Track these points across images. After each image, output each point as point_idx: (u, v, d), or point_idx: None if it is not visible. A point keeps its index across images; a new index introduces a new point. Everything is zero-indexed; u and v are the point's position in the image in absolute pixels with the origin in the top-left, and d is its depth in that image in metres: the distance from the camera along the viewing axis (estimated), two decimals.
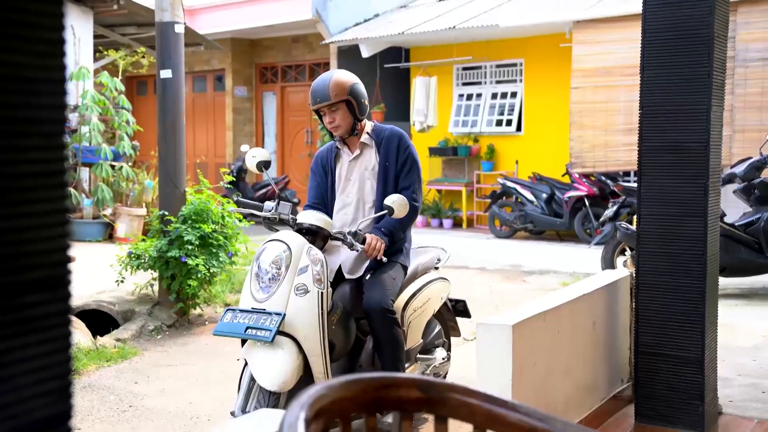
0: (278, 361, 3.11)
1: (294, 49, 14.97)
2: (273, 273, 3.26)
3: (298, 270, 3.25)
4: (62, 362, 0.81)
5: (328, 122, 3.65)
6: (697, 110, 3.44)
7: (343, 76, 3.66)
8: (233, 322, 3.21)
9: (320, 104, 3.60)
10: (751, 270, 7.02)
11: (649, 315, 3.59)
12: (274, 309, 3.17)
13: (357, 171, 3.73)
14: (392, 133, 3.72)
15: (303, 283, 3.23)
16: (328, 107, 3.61)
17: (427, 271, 3.96)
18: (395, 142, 3.69)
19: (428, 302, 3.85)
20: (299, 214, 3.53)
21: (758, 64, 8.72)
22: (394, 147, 3.68)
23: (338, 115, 3.63)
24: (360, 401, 1.20)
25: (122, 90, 10.00)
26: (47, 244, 0.80)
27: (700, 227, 3.48)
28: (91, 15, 10.30)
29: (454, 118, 12.71)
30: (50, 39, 0.79)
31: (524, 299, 6.10)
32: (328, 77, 3.64)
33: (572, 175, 10.28)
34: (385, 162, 3.68)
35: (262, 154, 3.68)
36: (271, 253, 3.31)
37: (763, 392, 4.23)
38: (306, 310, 3.21)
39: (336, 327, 3.37)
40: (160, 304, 6.32)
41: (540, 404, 3.20)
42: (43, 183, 0.79)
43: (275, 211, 3.55)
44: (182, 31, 6.45)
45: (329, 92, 3.56)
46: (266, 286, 3.26)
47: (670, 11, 3.46)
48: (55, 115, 0.79)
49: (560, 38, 10.88)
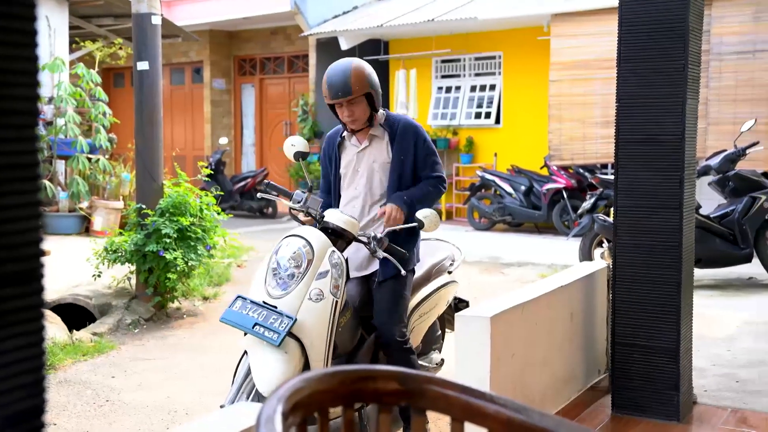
0: (280, 365, 2.98)
1: (273, 41, 14.89)
2: (292, 270, 3.11)
3: (318, 274, 3.11)
4: (35, 357, 0.81)
5: (347, 116, 3.38)
6: (673, 103, 3.48)
7: (363, 67, 3.41)
8: (242, 312, 3.05)
9: (342, 98, 3.34)
10: (725, 261, 7.10)
11: (626, 306, 3.62)
12: (287, 311, 3.02)
13: (365, 163, 3.50)
14: (407, 126, 3.49)
15: (320, 289, 3.09)
16: (347, 101, 3.36)
17: (440, 274, 3.83)
18: (411, 136, 3.47)
19: (435, 307, 3.76)
20: (327, 212, 3.33)
21: (732, 58, 8.81)
22: (411, 142, 3.47)
23: (358, 109, 3.38)
24: (338, 394, 1.20)
25: (99, 82, 9.89)
26: (19, 238, 0.79)
27: (675, 219, 3.51)
28: (67, 6, 10.17)
29: (433, 110, 12.73)
30: (22, 30, 0.78)
31: (503, 291, 6.14)
32: (347, 68, 3.38)
33: (550, 167, 10.34)
34: (400, 156, 3.46)
35: (300, 144, 3.49)
36: (292, 248, 3.15)
37: (736, 382, 4.28)
38: (318, 318, 3.07)
39: (343, 329, 3.27)
40: (137, 298, 6.29)
41: (518, 395, 3.23)
42: (15, 175, 0.78)
43: (304, 204, 3.35)
44: (159, 22, 6.41)
45: (351, 85, 3.32)
46: (283, 283, 3.11)
47: (645, 5, 3.49)
48: (28, 106, 0.78)
49: (538, 31, 10.92)
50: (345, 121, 3.43)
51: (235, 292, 3.35)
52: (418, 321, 3.66)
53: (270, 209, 12.88)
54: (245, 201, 12.91)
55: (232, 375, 3.17)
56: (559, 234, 10.10)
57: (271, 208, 12.86)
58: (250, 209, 12.93)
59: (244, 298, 3.10)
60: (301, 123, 13.37)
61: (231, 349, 4.47)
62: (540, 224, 10.79)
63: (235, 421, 1.88)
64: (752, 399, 3.96)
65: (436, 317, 3.86)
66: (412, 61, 12.62)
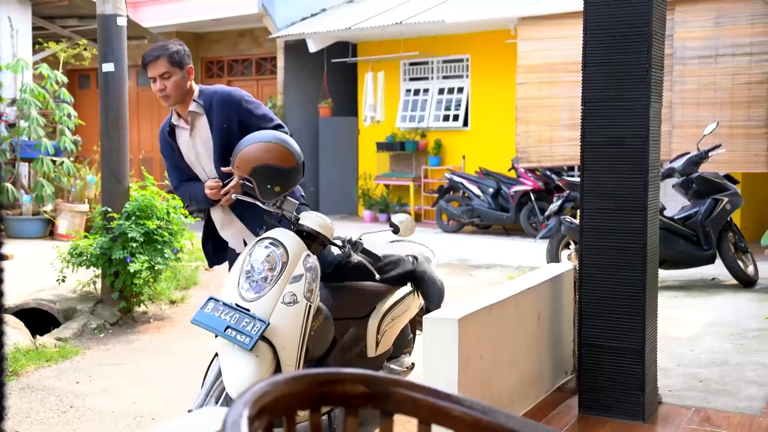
0: (251, 369, 2.94)
1: (240, 43, 14.81)
2: (266, 273, 3.08)
3: (292, 277, 3.08)
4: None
5: (158, 89, 3.45)
6: (637, 106, 3.50)
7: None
8: (214, 315, 3.01)
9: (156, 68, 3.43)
10: (689, 262, 7.18)
11: (592, 307, 3.64)
12: (260, 314, 2.99)
13: (200, 145, 3.53)
14: (223, 95, 3.49)
15: (293, 293, 3.06)
16: (161, 75, 3.43)
17: None
18: (229, 101, 3.47)
19: (408, 311, 3.75)
20: (302, 215, 3.28)
21: (695, 62, 8.96)
22: (231, 106, 3.47)
23: (170, 83, 3.45)
24: (305, 397, 1.19)
25: (64, 82, 9.76)
26: None
27: (640, 221, 3.54)
28: (30, 6, 10.03)
29: (401, 113, 12.77)
30: None
31: (471, 293, 6.17)
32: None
33: (518, 169, 10.42)
34: (222, 125, 3.45)
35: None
36: (266, 251, 3.12)
37: (700, 381, 4.33)
38: (291, 321, 3.04)
39: (315, 333, 3.25)
40: (102, 302, 6.21)
41: (486, 397, 3.23)
42: None
43: (279, 206, 3.31)
44: (125, 24, 6.34)
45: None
46: (257, 286, 3.07)
47: (609, 9, 3.52)
48: None
49: (505, 34, 11.01)
50: (158, 95, 3.47)
51: (203, 296, 3.32)
52: (390, 324, 3.66)
53: None
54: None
55: (201, 379, 3.14)
56: (527, 236, 10.18)
57: None
58: None
59: (216, 300, 3.06)
60: None
61: (199, 354, 4.44)
62: (508, 226, 10.88)
63: (202, 426, 1.87)
64: (715, 398, 4.00)
65: (408, 321, 3.86)
66: (381, 64, 12.65)
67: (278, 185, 3.25)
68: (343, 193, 13.37)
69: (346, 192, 13.36)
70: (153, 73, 3.45)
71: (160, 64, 3.44)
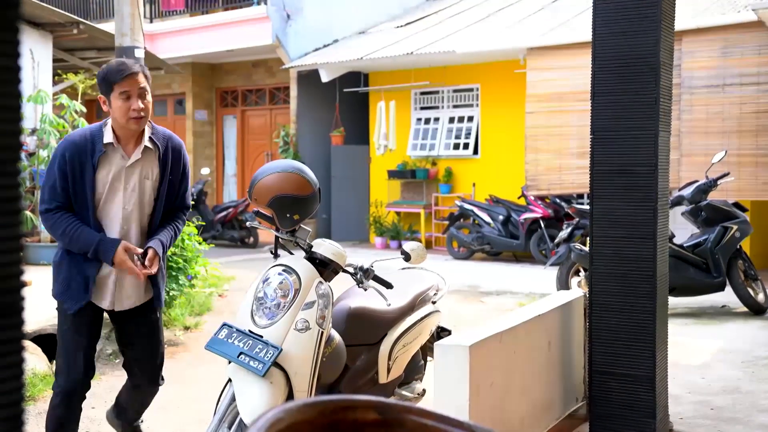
0: (264, 395, 2.97)
1: (254, 73, 15.04)
2: (279, 300, 3.11)
3: (304, 304, 3.10)
4: (14, 390, 0.79)
5: (138, 108, 3.10)
6: (646, 135, 3.53)
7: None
8: (228, 341, 3.04)
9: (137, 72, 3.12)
10: (699, 289, 7.18)
11: (602, 334, 3.64)
12: (273, 340, 3.02)
13: (136, 178, 3.23)
14: (175, 143, 3.31)
15: (306, 320, 3.08)
16: (141, 89, 3.12)
17: (425, 303, 3.81)
18: (179, 154, 3.31)
19: (419, 337, 3.75)
20: (314, 242, 3.32)
21: (703, 91, 9.03)
22: (179, 160, 3.31)
23: (147, 102, 3.14)
24: (317, 424, 1.19)
25: (82, 112, 9.95)
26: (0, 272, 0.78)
27: (649, 248, 3.54)
28: (51, 39, 10.26)
29: (412, 141, 12.90)
30: (5, 66, 0.78)
31: (482, 320, 6.19)
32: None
33: (528, 197, 10.49)
34: (169, 177, 3.28)
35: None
36: (279, 278, 3.15)
37: (711, 409, 4.31)
38: (303, 348, 3.06)
39: (327, 359, 3.25)
40: None
41: (497, 424, 3.23)
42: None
43: (293, 233, 3.33)
44: (142, 55, 6.50)
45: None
46: (270, 313, 3.10)
47: (618, 40, 3.56)
48: (10, 141, 0.78)
49: (515, 64, 11.14)
50: (135, 114, 3.09)
51: (217, 322, 3.35)
52: (402, 351, 3.65)
53: (251, 239, 12.92)
54: (227, 231, 12.95)
55: (214, 405, 3.16)
56: (537, 263, 10.22)
57: (253, 238, 12.90)
58: (231, 239, 12.96)
59: (230, 327, 3.09)
60: (282, 154, 13.48)
61: (212, 380, 4.49)
62: (518, 253, 10.93)
63: None
64: (727, 426, 3.99)
65: (419, 347, 3.86)
66: (392, 93, 12.81)
67: (297, 213, 3.28)
68: (355, 220, 13.47)
69: (357, 219, 13.46)
70: (131, 87, 3.10)
71: (140, 78, 3.13)
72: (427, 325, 3.81)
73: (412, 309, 3.73)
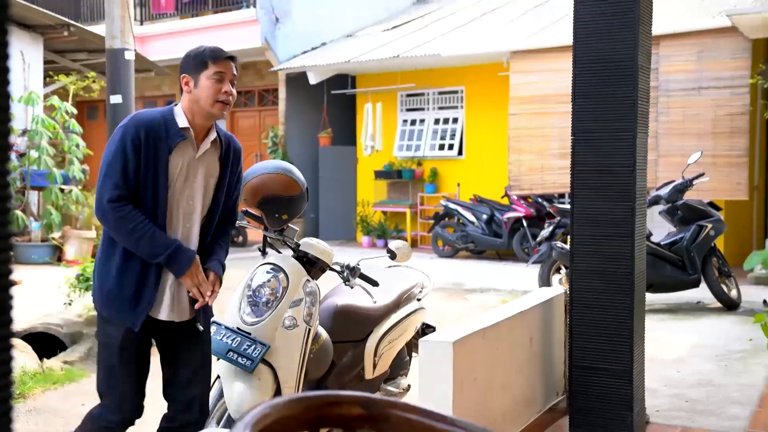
0: (252, 391, 3.00)
1: (243, 75, 15.15)
2: (267, 298, 3.13)
3: (292, 302, 3.13)
4: (3, 388, 0.79)
5: (229, 91, 2.75)
6: (624, 136, 3.61)
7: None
8: (216, 338, 3.04)
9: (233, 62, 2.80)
10: (676, 286, 7.30)
11: (582, 330, 3.70)
12: (261, 338, 3.04)
13: (201, 174, 2.81)
14: (236, 145, 2.96)
15: (293, 317, 3.11)
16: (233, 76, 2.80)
17: (410, 301, 3.85)
18: (238, 158, 2.95)
19: (404, 333, 3.78)
20: (302, 241, 3.34)
21: (679, 94, 9.22)
22: (237, 163, 2.95)
23: (235, 93, 2.81)
24: (303, 419, 1.20)
25: (73, 113, 10.03)
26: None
27: (628, 246, 3.61)
28: (41, 41, 10.36)
29: (398, 142, 13.08)
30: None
31: (465, 316, 6.29)
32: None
33: (511, 197, 10.67)
34: (227, 178, 2.89)
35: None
36: (267, 276, 3.18)
37: (686, 402, 4.39)
38: (291, 345, 3.09)
39: (314, 356, 3.29)
40: None
41: (479, 418, 3.28)
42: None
43: (281, 233, 3.34)
44: (132, 57, 6.55)
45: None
46: (258, 310, 3.12)
47: (597, 44, 3.64)
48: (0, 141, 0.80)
49: (498, 67, 11.33)
50: (222, 98, 2.73)
51: None
52: (387, 347, 3.72)
53: (240, 238, 13.04)
54: None
55: None
56: (520, 261, 10.37)
57: (242, 237, 13.01)
58: None
59: (218, 324, 3.08)
60: (271, 154, 13.61)
61: None
62: (501, 251, 11.11)
63: None
64: (701, 418, 4.06)
65: (404, 343, 3.92)
66: (379, 95, 12.99)
67: (285, 213, 3.34)
68: (342, 219, 13.63)
69: (345, 219, 13.63)
70: (227, 69, 2.76)
71: (235, 66, 2.82)
72: (412, 322, 3.87)
73: (397, 306, 3.78)
